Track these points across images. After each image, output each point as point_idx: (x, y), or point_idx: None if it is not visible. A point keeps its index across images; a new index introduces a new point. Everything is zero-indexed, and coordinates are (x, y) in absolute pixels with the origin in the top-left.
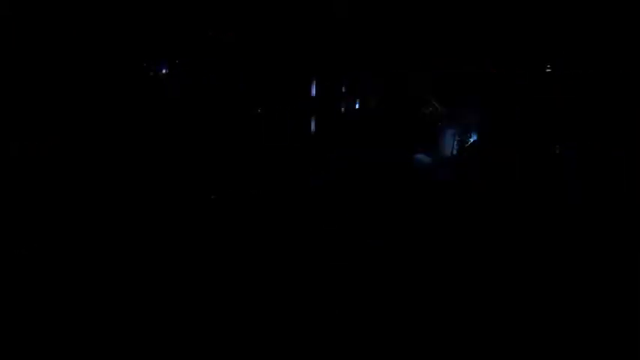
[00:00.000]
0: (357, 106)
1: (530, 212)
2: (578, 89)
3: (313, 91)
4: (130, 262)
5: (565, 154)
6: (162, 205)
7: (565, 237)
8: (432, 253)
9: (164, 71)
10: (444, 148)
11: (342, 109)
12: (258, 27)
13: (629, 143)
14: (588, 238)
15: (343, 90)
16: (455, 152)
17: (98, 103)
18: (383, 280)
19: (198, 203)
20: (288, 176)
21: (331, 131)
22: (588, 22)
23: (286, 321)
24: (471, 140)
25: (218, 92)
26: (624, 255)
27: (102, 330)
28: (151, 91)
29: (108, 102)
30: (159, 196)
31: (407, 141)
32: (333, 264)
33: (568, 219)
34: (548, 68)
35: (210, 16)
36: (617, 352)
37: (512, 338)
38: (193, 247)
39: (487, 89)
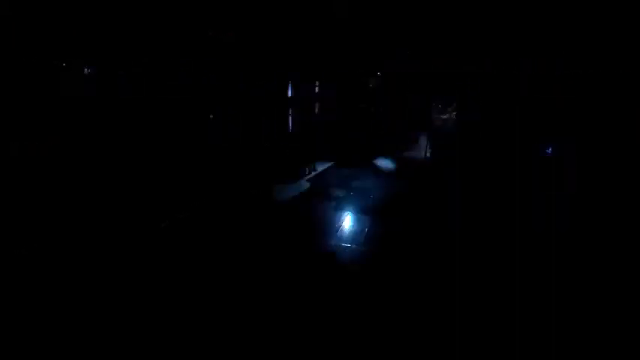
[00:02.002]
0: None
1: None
2: (569, 89)
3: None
4: (128, 260)
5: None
6: (160, 203)
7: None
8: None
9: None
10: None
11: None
12: (258, 27)
13: (627, 142)
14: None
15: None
16: (428, 153)
17: (97, 103)
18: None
19: (197, 201)
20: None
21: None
22: (588, 23)
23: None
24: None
25: (215, 92)
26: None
27: (101, 328)
28: (149, 91)
29: (107, 102)
30: (157, 195)
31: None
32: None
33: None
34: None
35: (211, 16)
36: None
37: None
38: (193, 244)
39: (466, 90)
